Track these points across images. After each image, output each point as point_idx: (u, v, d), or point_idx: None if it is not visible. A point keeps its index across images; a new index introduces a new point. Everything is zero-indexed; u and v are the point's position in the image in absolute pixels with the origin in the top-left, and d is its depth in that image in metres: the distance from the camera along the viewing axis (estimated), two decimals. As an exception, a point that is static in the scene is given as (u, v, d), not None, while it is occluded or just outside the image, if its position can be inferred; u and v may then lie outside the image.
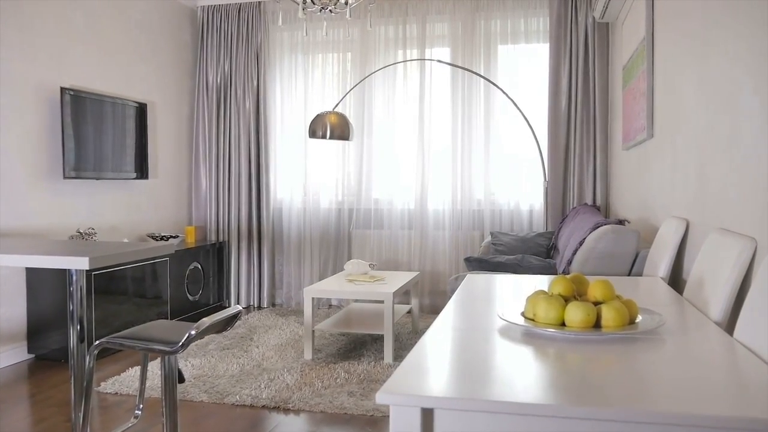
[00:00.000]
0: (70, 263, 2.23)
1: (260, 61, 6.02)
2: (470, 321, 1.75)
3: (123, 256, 2.35)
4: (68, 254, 2.29)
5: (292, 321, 5.37)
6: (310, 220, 6.04)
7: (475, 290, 2.27)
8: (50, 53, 4.50)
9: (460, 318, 1.80)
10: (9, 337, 4.24)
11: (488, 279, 2.55)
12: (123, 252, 2.36)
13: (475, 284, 2.41)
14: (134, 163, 5.22)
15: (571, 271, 3.21)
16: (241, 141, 6.03)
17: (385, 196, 5.90)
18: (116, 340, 2.37)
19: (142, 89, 5.50)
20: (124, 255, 2.35)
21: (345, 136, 4.93)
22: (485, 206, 5.69)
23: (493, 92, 5.64)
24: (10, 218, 4.19)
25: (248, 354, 4.34)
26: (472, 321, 1.75)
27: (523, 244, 4.88)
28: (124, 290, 4.60)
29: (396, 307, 4.80)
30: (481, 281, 2.48)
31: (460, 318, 1.80)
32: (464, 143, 5.69)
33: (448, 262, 5.75)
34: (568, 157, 5.46)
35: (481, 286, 2.36)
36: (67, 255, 2.25)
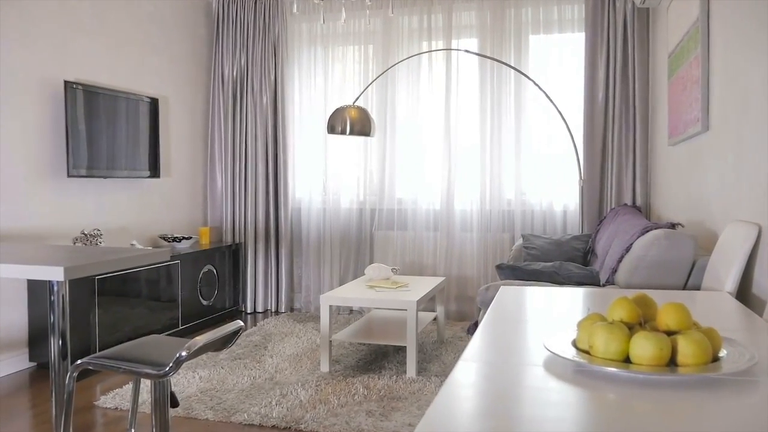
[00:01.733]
0: (43, 274, 1.94)
1: (278, 54, 5.74)
2: (508, 351, 1.42)
3: (104, 265, 2.06)
4: (45, 263, 2.01)
5: (310, 328, 5.07)
6: (330, 221, 5.74)
7: (511, 307, 1.94)
8: (53, 45, 4.25)
9: (495, 347, 1.47)
10: (9, 344, 4.00)
11: (525, 292, 2.21)
12: (105, 261, 2.07)
13: (510, 298, 2.08)
14: (145, 160, 4.96)
15: (617, 281, 2.86)
16: (258, 137, 5.75)
17: (409, 195, 5.58)
18: (100, 360, 2.08)
19: (154, 83, 5.24)
20: (105, 264, 2.06)
21: (366, 131, 4.61)
22: (516, 207, 5.34)
23: (524, 85, 5.28)
24: (9, 219, 3.94)
25: (261, 365, 4.04)
26: (511, 351, 1.42)
27: (558, 248, 4.52)
28: (133, 294, 4.33)
29: (420, 315, 4.48)
30: (516, 295, 2.15)
31: (496, 347, 1.47)
32: (493, 139, 5.34)
33: (476, 266, 5.41)
34: (605, 154, 5.08)
35: (517, 302, 2.03)
36: (42, 264, 1.97)
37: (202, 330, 5.12)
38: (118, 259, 2.12)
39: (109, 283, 4.12)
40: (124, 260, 2.15)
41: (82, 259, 2.09)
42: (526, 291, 2.23)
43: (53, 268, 1.93)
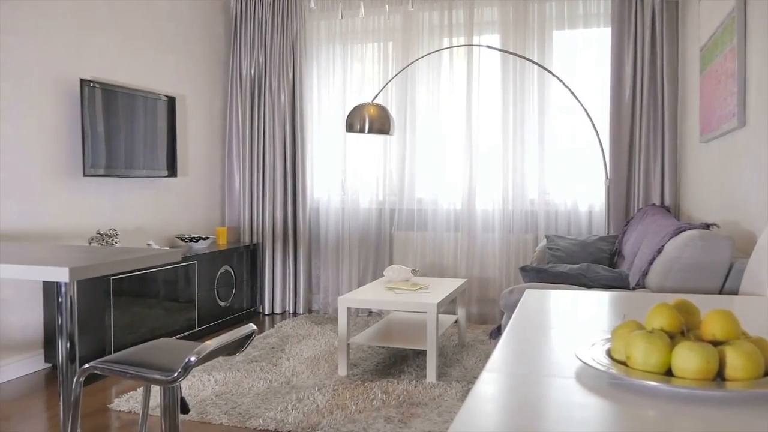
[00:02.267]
0: (48, 274, 1.86)
1: (296, 51, 5.66)
2: (535, 361, 1.31)
3: (112, 266, 1.97)
4: (52, 263, 1.93)
5: (328, 330, 4.97)
6: (348, 221, 5.64)
7: (536, 312, 1.82)
8: (69, 43, 4.20)
9: (521, 356, 1.36)
10: (25, 345, 3.95)
11: (551, 296, 2.09)
12: (112, 261, 1.98)
13: (535, 302, 1.96)
14: (163, 160, 4.90)
15: (648, 284, 2.72)
16: (275, 136, 5.67)
17: (430, 195, 5.46)
18: (107, 365, 2.00)
19: (171, 82, 5.18)
20: (113, 265, 1.98)
21: (385, 129, 4.51)
22: (539, 207, 5.20)
23: (548, 82, 5.14)
24: (24, 219, 3.90)
25: (277, 368, 3.96)
26: (538, 361, 1.31)
27: (583, 249, 4.38)
28: (149, 295, 4.27)
29: (441, 318, 4.37)
30: (542, 299, 2.03)
31: (522, 356, 1.36)
32: (516, 137, 5.21)
33: (498, 267, 5.28)
34: (632, 152, 4.93)
35: (543, 306, 1.91)
36: (48, 265, 1.89)
37: (219, 331, 5.05)
38: (126, 260, 2.03)
39: (124, 284, 4.05)
40: (132, 261, 2.06)
41: (90, 259, 2.01)
42: (552, 295, 2.11)
43: (58, 269, 1.85)
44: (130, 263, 2.05)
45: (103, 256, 2.11)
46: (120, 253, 2.19)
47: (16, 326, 3.88)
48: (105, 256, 2.08)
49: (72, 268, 1.84)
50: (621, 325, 1.27)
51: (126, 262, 2.04)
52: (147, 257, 2.15)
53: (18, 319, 3.89)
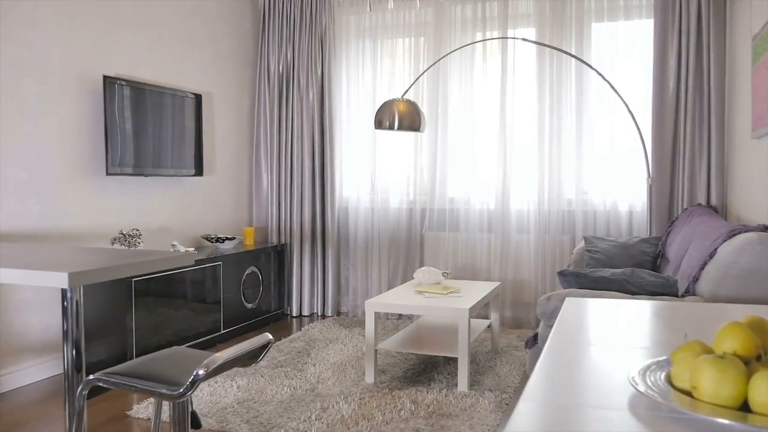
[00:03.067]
0: (46, 280, 1.73)
1: (325, 47, 5.51)
2: (580, 387, 1.13)
3: (116, 271, 1.84)
4: (53, 268, 1.80)
5: (356, 334, 4.82)
6: (378, 221, 5.48)
7: (578, 324, 1.63)
8: (92, 39, 4.12)
9: (563, 381, 1.18)
10: (45, 348, 3.87)
11: (594, 305, 1.90)
12: (117, 266, 1.85)
13: (576, 313, 1.77)
14: (189, 158, 4.80)
15: (700, 291, 2.51)
16: (304, 134, 5.54)
17: (462, 194, 5.27)
18: (112, 377, 1.87)
19: (198, 79, 5.08)
20: (117, 270, 1.84)
21: (415, 126, 4.34)
22: (577, 207, 4.97)
23: (587, 77, 4.91)
24: (46, 219, 3.82)
25: (303, 374, 3.81)
26: (583, 387, 1.13)
27: (624, 251, 4.16)
28: (173, 296, 4.16)
29: (473, 323, 4.18)
30: (584, 308, 1.84)
31: (564, 382, 1.17)
32: (552, 134, 4.99)
33: (533, 270, 5.06)
34: (676, 149, 4.68)
35: (585, 317, 1.72)
36: (49, 269, 1.76)
37: (245, 334, 4.93)
38: (134, 264, 1.90)
39: (147, 285, 3.95)
40: (141, 265, 1.93)
41: (95, 263, 1.88)
42: (594, 304, 1.92)
43: (57, 274, 1.72)
44: (138, 267, 1.92)
45: (110, 259, 1.97)
46: (131, 256, 2.05)
47: (36, 328, 3.80)
48: (112, 260, 1.95)
49: (72, 273, 1.71)
50: (682, 347, 1.08)
51: (134, 266, 1.90)
52: (158, 261, 2.01)
53: (38, 322, 3.81)
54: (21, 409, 3.32)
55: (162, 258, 2.03)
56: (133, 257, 2.03)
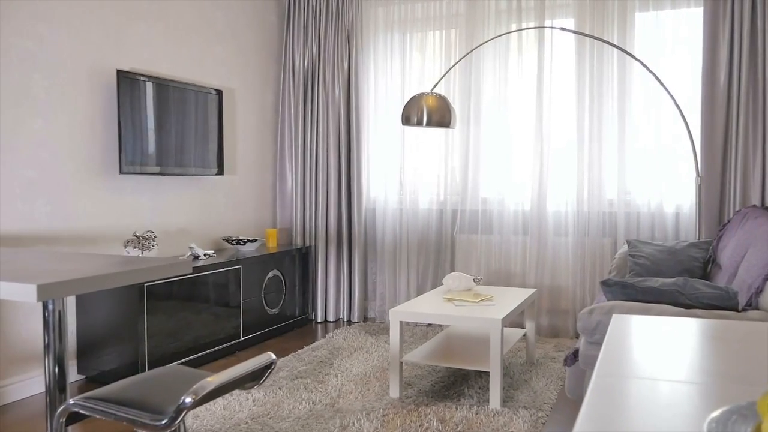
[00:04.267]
0: (12, 292, 1.52)
1: (351, 41, 5.27)
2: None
3: (95, 282, 1.62)
4: (20, 278, 1.59)
5: (383, 342, 4.57)
6: (407, 223, 5.22)
7: (630, 350, 1.35)
8: (105, 31, 3.94)
9: (616, 428, 0.90)
10: (56, 355, 3.69)
11: (648, 324, 1.61)
12: (96, 277, 1.62)
13: (627, 334, 1.49)
14: (208, 157, 4.60)
15: (763, 305, 2.20)
16: (329, 132, 5.31)
17: (495, 195, 4.98)
18: (91, 402, 1.64)
19: (219, 74, 4.88)
20: (95, 281, 1.62)
21: (445, 122, 4.07)
22: (619, 208, 4.65)
23: (630, 69, 4.59)
24: (56, 220, 3.64)
25: (323, 386, 3.57)
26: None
27: (672, 257, 3.83)
28: (189, 301, 3.96)
29: (506, 333, 3.90)
30: (636, 328, 1.56)
31: (618, 429, 0.90)
32: (592, 130, 4.67)
33: (572, 275, 4.75)
34: (728, 146, 4.32)
35: (639, 340, 1.44)
36: (14, 281, 1.55)
37: (266, 341, 4.72)
38: (117, 274, 1.67)
39: (161, 289, 3.76)
40: (124, 275, 1.70)
41: (72, 273, 1.66)
42: (647, 322, 1.63)
43: (24, 287, 1.50)
44: (121, 278, 1.69)
45: (94, 268, 1.75)
46: (119, 265, 1.83)
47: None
48: (96, 269, 1.73)
49: (41, 285, 1.49)
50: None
51: (117, 277, 1.68)
52: (146, 270, 1.79)
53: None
54: (33, 419, 3.15)
55: (152, 267, 1.80)
56: (121, 265, 1.81)
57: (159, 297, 3.75)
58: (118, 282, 1.67)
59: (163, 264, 1.86)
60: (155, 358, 3.72)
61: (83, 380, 3.79)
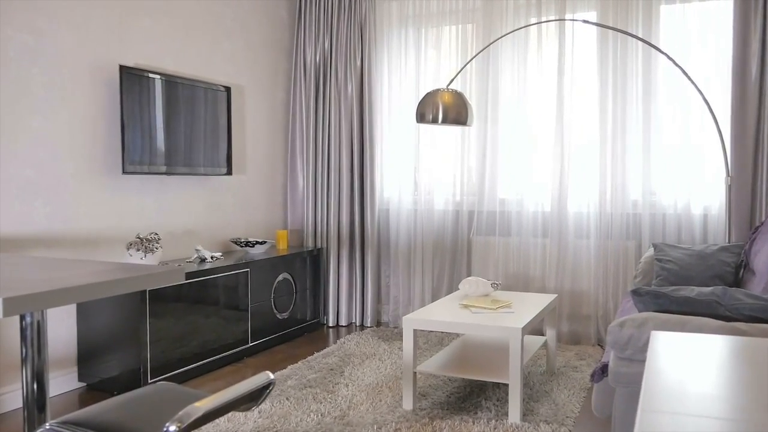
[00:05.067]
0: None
1: (364, 37, 5.10)
2: None
3: (67, 295, 1.45)
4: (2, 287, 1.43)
5: (396, 348, 4.39)
6: (422, 224, 5.04)
7: (678, 376, 1.17)
8: (108, 25, 3.79)
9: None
10: (56, 362, 3.56)
11: (693, 343, 1.42)
12: (71, 288, 1.46)
13: (672, 357, 1.30)
14: (217, 156, 4.45)
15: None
16: (342, 130, 5.13)
17: (514, 195, 4.79)
18: (66, 427, 1.48)
19: (227, 70, 4.73)
20: (69, 294, 1.46)
21: (461, 119, 3.88)
22: (643, 209, 4.44)
23: (655, 64, 4.38)
24: (55, 221, 3.50)
25: (333, 396, 3.40)
26: None
27: (701, 261, 3.62)
28: (195, 305, 3.81)
29: (526, 341, 3.70)
30: (681, 348, 1.37)
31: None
32: (616, 128, 4.47)
33: (594, 279, 4.55)
34: (759, 144, 4.10)
35: (686, 365, 1.25)
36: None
37: (275, 347, 4.55)
38: (96, 285, 1.51)
39: (165, 293, 3.60)
40: (105, 286, 1.54)
41: (50, 283, 1.49)
42: (692, 341, 1.44)
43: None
44: (103, 288, 1.53)
45: (74, 278, 1.59)
46: (103, 274, 1.67)
47: (45, 341, 3.49)
48: (75, 279, 1.56)
49: (7, 299, 1.32)
50: None
51: (98, 287, 1.51)
52: (135, 279, 1.62)
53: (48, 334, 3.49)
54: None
55: (139, 276, 1.64)
56: (107, 274, 1.64)
57: (163, 301, 3.60)
58: (97, 293, 1.51)
59: (153, 272, 1.69)
60: (159, 365, 3.57)
61: (84, 388, 3.65)
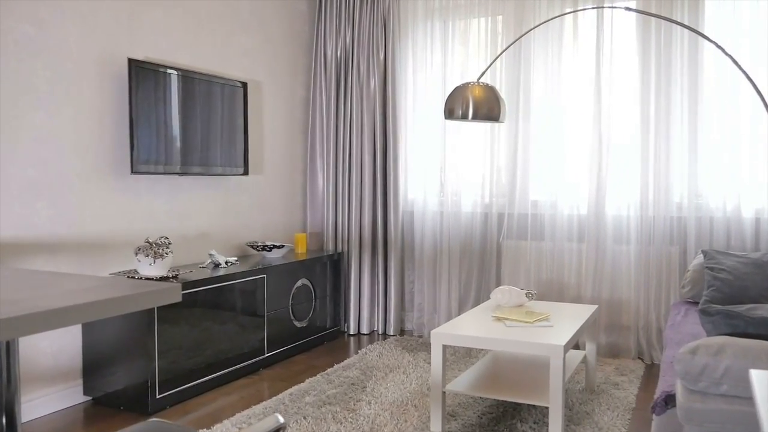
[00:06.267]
0: None
1: (388, 30, 4.83)
2: None
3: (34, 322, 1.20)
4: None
5: (422, 360, 4.11)
6: (448, 228, 4.75)
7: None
8: (116, 16, 3.56)
9: None
10: (59, 375, 3.33)
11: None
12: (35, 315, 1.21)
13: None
14: (233, 155, 4.21)
15: None
16: (364, 128, 4.87)
17: (547, 197, 4.49)
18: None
19: (244, 65, 4.48)
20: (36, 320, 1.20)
21: (494, 115, 3.59)
22: (689, 212, 4.12)
23: (702, 54, 4.06)
24: (59, 225, 3.27)
25: (354, 415, 3.13)
26: None
27: (759, 270, 3.29)
28: (210, 313, 3.57)
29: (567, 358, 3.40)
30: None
31: None
32: (659, 125, 4.15)
33: (634, 287, 4.23)
34: (820, 143, 3.77)
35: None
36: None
37: (293, 357, 4.30)
38: (69, 310, 1.25)
39: (184, 300, 3.36)
40: (83, 309, 1.28)
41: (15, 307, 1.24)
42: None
43: (-64, 328, 1.08)
44: (77, 314, 1.27)
45: (54, 297, 1.34)
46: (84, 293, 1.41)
47: (46, 353, 3.26)
48: (49, 300, 1.31)
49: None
50: None
51: (70, 312, 1.26)
52: (121, 300, 1.37)
53: (48, 345, 3.27)
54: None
55: (126, 296, 1.38)
56: (89, 293, 1.39)
57: (174, 309, 3.35)
58: (71, 319, 1.25)
59: (143, 291, 1.44)
60: (169, 377, 3.33)
61: (90, 402, 3.42)
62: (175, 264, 3.98)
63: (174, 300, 1.50)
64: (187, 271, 3.66)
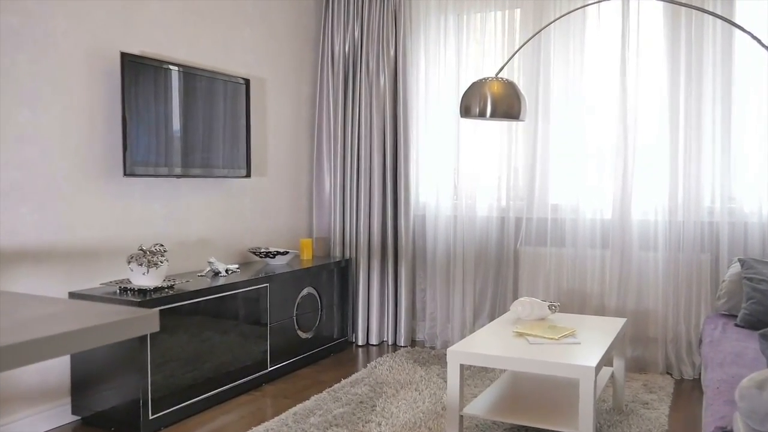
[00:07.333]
0: None
1: (399, 24, 4.58)
2: None
3: None
4: None
5: (434, 375, 3.85)
6: (462, 233, 4.50)
7: None
8: (108, 8, 3.32)
9: None
10: (46, 393, 3.09)
11: None
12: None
13: None
14: (234, 156, 3.96)
15: None
16: (373, 127, 4.62)
17: (568, 200, 4.22)
18: None
19: (246, 61, 4.24)
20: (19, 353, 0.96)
21: (513, 112, 3.33)
22: (721, 217, 3.85)
23: (736, 47, 3.79)
24: (45, 231, 3.03)
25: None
26: None
27: (805, 281, 3.03)
28: (208, 325, 3.32)
29: (590, 373, 3.14)
30: None
31: None
32: (689, 122, 3.88)
33: (662, 297, 3.96)
34: None
35: None
36: None
37: (298, 371, 4.05)
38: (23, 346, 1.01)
39: (171, 312, 3.12)
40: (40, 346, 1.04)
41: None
42: None
43: None
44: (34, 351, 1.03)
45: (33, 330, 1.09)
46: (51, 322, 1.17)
47: (30, 370, 3.02)
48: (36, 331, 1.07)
49: None
50: None
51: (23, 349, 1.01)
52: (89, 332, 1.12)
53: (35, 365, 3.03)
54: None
55: (89, 329, 1.13)
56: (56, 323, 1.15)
57: (168, 320, 3.11)
58: (17, 360, 1.01)
59: (112, 321, 1.19)
60: (163, 395, 3.09)
61: (78, 422, 3.18)
62: (172, 272, 3.74)
63: (150, 330, 1.26)
64: (183, 281, 3.42)
